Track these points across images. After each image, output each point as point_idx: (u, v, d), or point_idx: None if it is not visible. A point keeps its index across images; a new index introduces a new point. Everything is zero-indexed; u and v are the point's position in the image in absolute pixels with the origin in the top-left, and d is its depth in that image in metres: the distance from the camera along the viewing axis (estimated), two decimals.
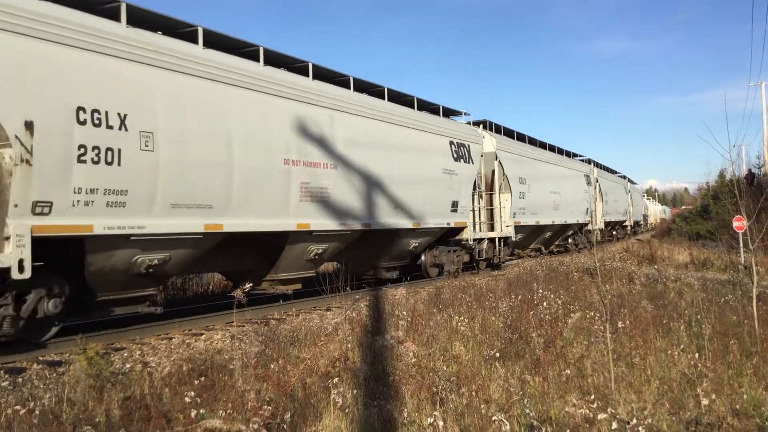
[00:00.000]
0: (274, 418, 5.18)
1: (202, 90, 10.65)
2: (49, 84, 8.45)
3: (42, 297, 8.75)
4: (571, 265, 17.10)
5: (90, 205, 8.85)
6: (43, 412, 5.38)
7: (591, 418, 5.04)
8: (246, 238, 11.90)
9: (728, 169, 31.66)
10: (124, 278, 9.84)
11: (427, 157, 16.87)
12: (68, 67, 8.69)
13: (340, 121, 13.70)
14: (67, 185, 8.58)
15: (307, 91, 12.99)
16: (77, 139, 8.67)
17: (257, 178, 11.56)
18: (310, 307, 13.34)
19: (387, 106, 15.86)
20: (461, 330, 8.36)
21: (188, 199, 10.27)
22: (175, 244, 10.29)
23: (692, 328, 8.09)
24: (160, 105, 9.81)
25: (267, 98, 11.98)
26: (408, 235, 16.42)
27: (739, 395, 5.87)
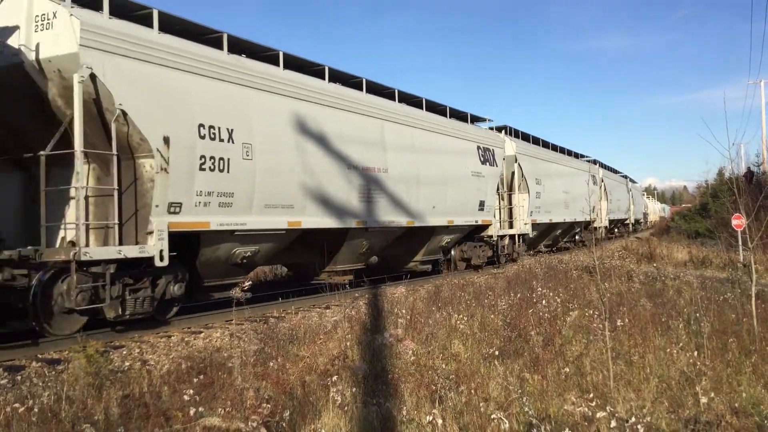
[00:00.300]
0: (273, 416, 5.18)
1: (284, 106, 12.39)
2: (179, 105, 10.21)
3: (170, 281, 10.49)
4: (570, 264, 17.11)
5: (207, 206, 10.65)
6: (41, 410, 5.39)
7: (590, 417, 5.04)
8: (315, 234, 13.55)
9: (727, 167, 31.69)
10: (223, 267, 11.62)
11: (459, 160, 18.65)
12: (192, 90, 10.50)
13: (389, 129, 15.57)
14: (191, 189, 10.35)
15: (362, 104, 14.87)
16: (199, 150, 10.44)
17: (327, 182, 13.34)
18: (309, 305, 13.34)
19: (425, 115, 17.65)
20: (460, 328, 8.36)
21: (276, 200, 12.11)
22: (264, 239, 12.07)
23: (691, 327, 8.09)
24: (255, 120, 11.59)
25: (334, 111, 13.79)
26: (442, 232, 18.08)
27: (738, 393, 5.88)
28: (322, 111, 13.38)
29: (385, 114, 15.52)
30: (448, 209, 17.71)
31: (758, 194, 13.75)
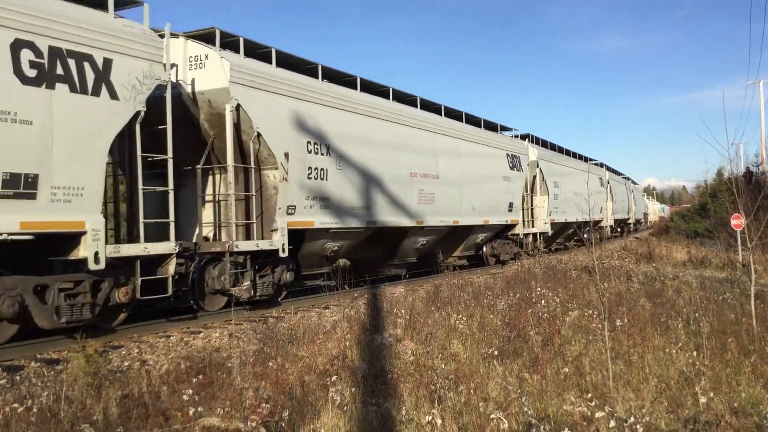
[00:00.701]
0: (272, 416, 5.18)
1: (362, 124, 15.00)
2: (294, 126, 12.72)
3: (284, 270, 12.84)
4: (569, 264, 17.11)
5: (312, 208, 13.19)
6: (41, 410, 5.38)
7: (589, 416, 5.04)
8: (383, 232, 15.93)
9: (726, 167, 31.77)
10: (317, 259, 14.20)
11: (493, 167, 21.40)
12: (301, 113, 13.00)
13: (439, 141, 18.21)
14: (302, 194, 12.89)
15: (418, 119, 17.50)
16: (307, 163, 13.00)
17: (395, 187, 15.91)
18: (308, 305, 13.34)
19: (466, 127, 20.39)
20: (459, 328, 8.36)
21: (359, 202, 14.62)
22: (347, 236, 14.69)
23: (690, 327, 8.09)
24: (345, 137, 14.17)
25: (397, 126, 16.42)
26: (479, 230, 20.80)
27: (737, 393, 5.87)
28: (388, 126, 16.01)
29: (436, 128, 18.20)
30: (484, 210, 20.28)
31: (757, 194, 13.77)
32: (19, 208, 8.28)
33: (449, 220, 18.29)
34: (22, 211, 8.30)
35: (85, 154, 9.06)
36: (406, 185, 16.33)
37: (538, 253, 23.68)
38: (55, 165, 8.66)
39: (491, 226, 21.33)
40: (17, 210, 8.26)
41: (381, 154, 15.39)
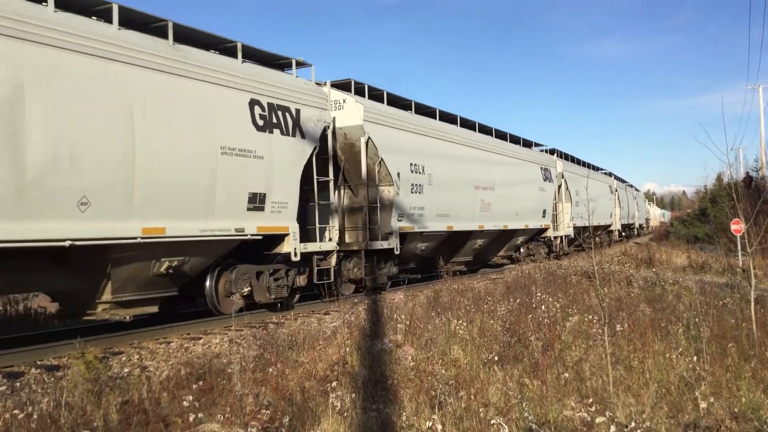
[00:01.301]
0: (272, 422, 5.18)
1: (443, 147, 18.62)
2: (401, 151, 16.35)
3: (392, 264, 16.33)
4: (569, 269, 17.10)
5: (413, 216, 16.50)
6: (41, 417, 5.38)
7: (589, 422, 5.04)
8: (458, 235, 19.38)
9: (726, 172, 31.91)
10: (410, 256, 17.73)
11: (532, 179, 25.26)
12: (405, 140, 16.71)
13: (494, 158, 21.92)
14: (407, 205, 16.28)
15: (479, 141, 21.40)
16: (411, 180, 16.46)
17: (465, 198, 19.46)
18: (308, 311, 13.33)
19: (510, 145, 24.54)
20: (460, 334, 8.36)
21: (442, 211, 18.06)
22: (431, 238, 18.02)
23: (690, 332, 8.08)
24: (436, 159, 17.80)
25: (468, 149, 20.24)
26: (520, 233, 24.55)
27: (738, 398, 5.87)
28: (460, 148, 19.61)
29: (491, 148, 22.11)
30: (524, 216, 23.95)
31: (757, 199, 13.79)
32: (256, 217, 11.91)
33: (501, 225, 21.87)
34: (257, 219, 11.93)
35: (289, 179, 12.64)
36: (472, 196, 19.95)
37: (563, 252, 28.19)
38: (274, 187, 12.19)
39: (530, 230, 25.12)
40: (255, 218, 11.89)
41: (456, 171, 18.97)
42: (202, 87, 10.89)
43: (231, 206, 11.31)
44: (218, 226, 11.02)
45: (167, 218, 10.11)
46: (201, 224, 10.73)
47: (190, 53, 10.89)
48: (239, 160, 11.38)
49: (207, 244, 10.99)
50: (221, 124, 11.11)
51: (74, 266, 9.55)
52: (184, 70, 10.55)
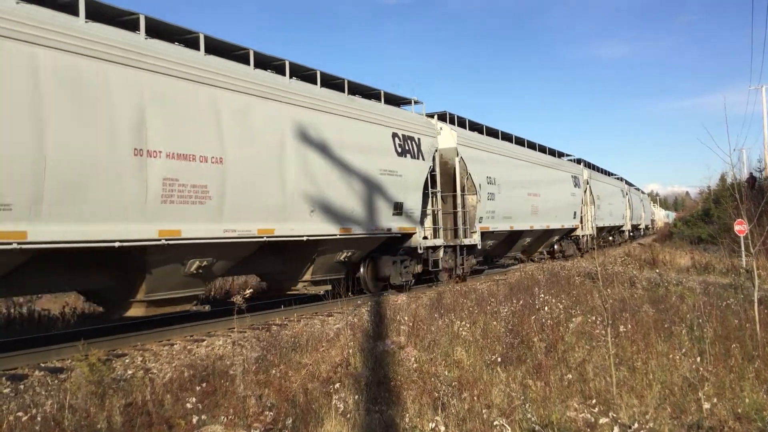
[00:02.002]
0: (275, 424, 5.19)
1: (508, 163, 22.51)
2: (482, 166, 20.04)
3: (473, 257, 19.86)
4: (572, 270, 17.09)
5: (488, 219, 20.12)
6: (44, 419, 5.39)
7: (593, 423, 5.04)
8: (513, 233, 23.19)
9: (729, 172, 32.00)
10: (480, 251, 20.74)
11: (564, 184, 28.85)
12: (484, 159, 20.37)
13: (538, 170, 25.53)
14: (484, 210, 19.79)
15: (530, 155, 25.60)
16: (487, 190, 20.10)
17: (522, 202, 23.23)
18: (311, 313, 13.34)
19: (550, 158, 28.50)
20: (463, 335, 8.36)
21: (506, 214, 21.64)
22: (498, 236, 22.11)
23: (694, 332, 8.07)
24: (502, 170, 21.57)
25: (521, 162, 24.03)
26: (557, 232, 28.29)
27: (741, 399, 5.86)
28: (517, 162, 23.49)
29: (536, 160, 25.94)
30: (561, 217, 27.57)
31: (760, 199, 13.73)
32: (397, 220, 15.70)
33: (545, 225, 25.41)
34: (398, 221, 15.74)
35: (416, 191, 16.50)
36: (525, 201, 23.51)
37: (587, 249, 31.66)
38: (407, 197, 16.06)
39: (564, 229, 28.97)
40: (397, 221, 15.71)
41: (515, 181, 22.61)
42: (365, 125, 14.79)
43: (385, 212, 15.23)
44: (379, 226, 15.06)
45: (351, 223, 14.05)
46: (370, 226, 14.61)
47: (355, 101, 15.02)
48: (389, 178, 15.31)
49: (371, 239, 15.07)
50: (378, 152, 15.04)
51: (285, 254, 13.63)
52: (355, 114, 14.55)
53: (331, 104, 13.60)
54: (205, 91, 10.50)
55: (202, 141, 10.28)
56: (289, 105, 12.44)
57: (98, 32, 9.10)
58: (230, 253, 11.35)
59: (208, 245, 10.54)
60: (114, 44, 9.19)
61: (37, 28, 8.25)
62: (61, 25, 8.64)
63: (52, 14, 8.71)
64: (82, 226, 8.61)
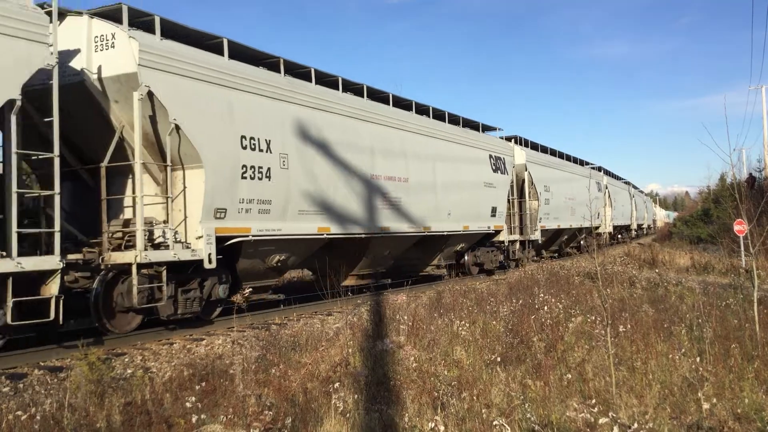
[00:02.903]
0: (275, 423, 5.18)
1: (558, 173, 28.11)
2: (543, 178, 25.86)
3: (531, 248, 25.30)
4: (571, 270, 17.10)
5: (545, 218, 25.77)
6: (44, 418, 5.39)
7: (592, 423, 5.03)
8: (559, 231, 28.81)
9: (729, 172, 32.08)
10: (537, 245, 25.85)
11: (592, 190, 33.70)
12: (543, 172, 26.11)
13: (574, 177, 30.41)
14: (542, 211, 25.35)
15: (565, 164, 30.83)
16: (544, 196, 25.39)
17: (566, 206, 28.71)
18: (311, 312, 13.34)
19: (579, 168, 33.63)
20: (462, 334, 8.36)
21: (556, 215, 27.04)
22: (549, 233, 27.30)
23: (693, 332, 8.08)
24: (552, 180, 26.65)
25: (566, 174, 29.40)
26: (584, 230, 31.84)
27: (741, 399, 5.86)
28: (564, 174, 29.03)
29: (572, 171, 31.21)
30: (581, 217, 29.43)
31: (760, 200, 13.73)
32: (492, 220, 21.18)
33: (578, 224, 29.79)
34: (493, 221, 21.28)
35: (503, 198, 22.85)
36: (567, 204, 28.56)
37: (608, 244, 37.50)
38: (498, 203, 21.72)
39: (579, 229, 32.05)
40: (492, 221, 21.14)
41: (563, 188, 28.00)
42: (474, 151, 20.61)
43: (486, 214, 20.77)
44: (482, 225, 20.44)
45: (468, 221, 19.46)
46: (481, 224, 20.36)
47: (471, 133, 21.13)
48: (488, 189, 20.87)
49: (477, 234, 20.47)
50: (481, 169, 20.79)
51: (424, 246, 18.47)
52: (470, 142, 20.43)
53: (455, 136, 19.69)
54: (405, 137, 16.86)
55: (398, 168, 16.24)
56: (436, 139, 18.56)
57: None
58: (404, 243, 17.20)
59: (396, 238, 16.36)
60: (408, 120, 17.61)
61: None
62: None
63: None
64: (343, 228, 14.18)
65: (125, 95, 10.24)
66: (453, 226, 18.69)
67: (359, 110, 15.16)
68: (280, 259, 12.82)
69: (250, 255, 12.07)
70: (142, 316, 10.70)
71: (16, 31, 8.59)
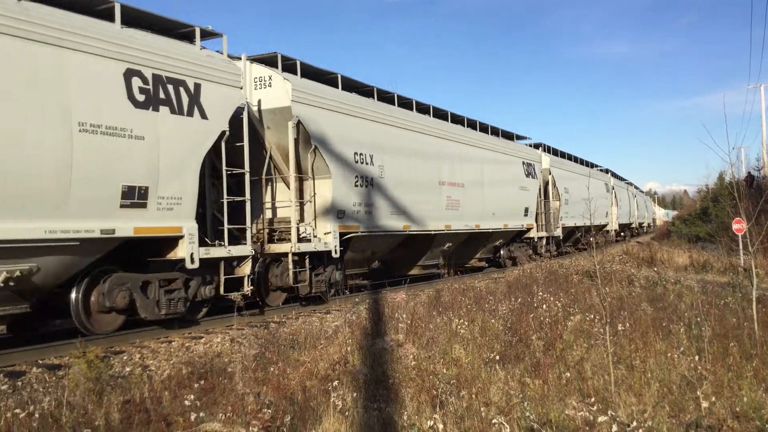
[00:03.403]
0: (273, 422, 5.18)
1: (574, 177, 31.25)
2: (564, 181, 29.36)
3: (553, 243, 28.12)
4: (570, 268, 17.10)
5: (565, 217, 28.89)
6: (42, 416, 5.38)
7: (591, 421, 5.03)
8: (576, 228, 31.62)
9: (727, 171, 32.23)
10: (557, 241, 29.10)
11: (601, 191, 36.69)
12: (565, 174, 29.77)
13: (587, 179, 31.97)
14: (563, 211, 28.55)
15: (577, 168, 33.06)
16: (564, 197, 28.79)
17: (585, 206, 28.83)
18: (309, 310, 13.33)
19: (593, 171, 36.38)
20: (461, 333, 8.35)
21: (573, 213, 30.37)
22: (568, 230, 30.67)
23: (692, 331, 8.08)
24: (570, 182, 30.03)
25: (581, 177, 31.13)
26: (595, 228, 34.78)
27: (739, 398, 5.86)
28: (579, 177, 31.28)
29: (586, 173, 33.13)
30: (598, 217, 34.16)
31: (759, 198, 13.76)
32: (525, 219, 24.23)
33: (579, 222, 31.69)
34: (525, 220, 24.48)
35: (533, 199, 25.27)
36: (582, 204, 29.52)
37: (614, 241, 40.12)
38: (530, 203, 24.85)
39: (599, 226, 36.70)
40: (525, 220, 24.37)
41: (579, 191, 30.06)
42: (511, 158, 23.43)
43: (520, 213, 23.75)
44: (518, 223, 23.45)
45: (507, 219, 22.43)
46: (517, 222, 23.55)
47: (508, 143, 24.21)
48: (522, 191, 23.71)
49: (512, 232, 23.47)
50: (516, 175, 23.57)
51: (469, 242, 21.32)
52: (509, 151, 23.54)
53: (497, 146, 22.54)
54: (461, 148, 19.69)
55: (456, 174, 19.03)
56: (483, 149, 21.05)
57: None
58: (460, 238, 19.92)
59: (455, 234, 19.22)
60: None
61: None
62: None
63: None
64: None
65: (277, 123, 13.12)
66: (496, 224, 21.69)
67: (429, 127, 18.33)
68: (373, 251, 16.40)
69: (355, 248, 14.93)
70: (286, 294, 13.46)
71: (223, 79, 11.16)
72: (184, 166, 10.31)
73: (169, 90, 10.05)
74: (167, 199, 10.03)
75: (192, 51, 10.87)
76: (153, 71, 9.80)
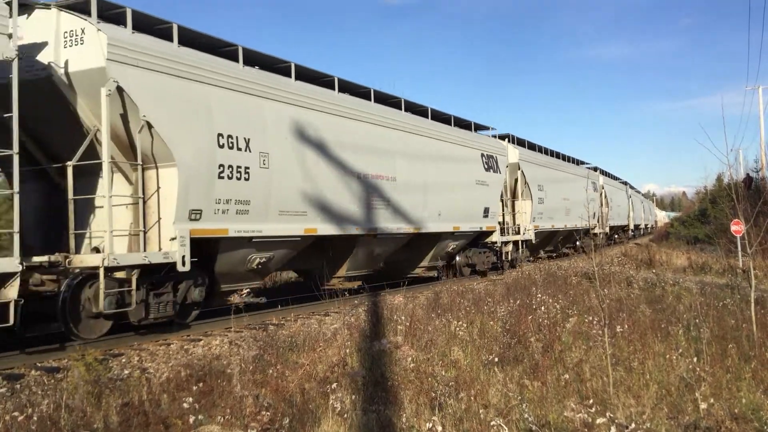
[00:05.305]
0: (272, 424, 5.18)
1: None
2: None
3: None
4: (569, 270, 17.11)
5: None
6: (41, 419, 5.38)
7: (590, 423, 5.03)
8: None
9: (726, 173, 32.25)
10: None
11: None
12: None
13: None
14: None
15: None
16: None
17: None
18: (308, 313, 13.32)
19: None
20: (460, 335, 8.36)
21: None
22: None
23: (690, 333, 8.09)
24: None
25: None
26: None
27: (738, 399, 5.87)
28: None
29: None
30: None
31: (757, 200, 13.77)
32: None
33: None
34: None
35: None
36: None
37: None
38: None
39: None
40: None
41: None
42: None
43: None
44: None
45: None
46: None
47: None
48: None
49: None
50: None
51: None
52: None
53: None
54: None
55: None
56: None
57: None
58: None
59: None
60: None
61: None
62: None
63: None
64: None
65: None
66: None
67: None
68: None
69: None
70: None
71: (503, 153, 12.24)
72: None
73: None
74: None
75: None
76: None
